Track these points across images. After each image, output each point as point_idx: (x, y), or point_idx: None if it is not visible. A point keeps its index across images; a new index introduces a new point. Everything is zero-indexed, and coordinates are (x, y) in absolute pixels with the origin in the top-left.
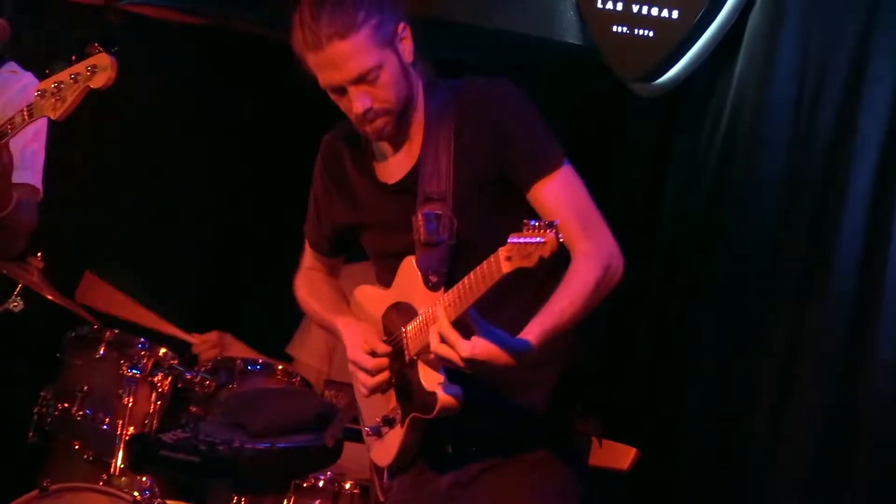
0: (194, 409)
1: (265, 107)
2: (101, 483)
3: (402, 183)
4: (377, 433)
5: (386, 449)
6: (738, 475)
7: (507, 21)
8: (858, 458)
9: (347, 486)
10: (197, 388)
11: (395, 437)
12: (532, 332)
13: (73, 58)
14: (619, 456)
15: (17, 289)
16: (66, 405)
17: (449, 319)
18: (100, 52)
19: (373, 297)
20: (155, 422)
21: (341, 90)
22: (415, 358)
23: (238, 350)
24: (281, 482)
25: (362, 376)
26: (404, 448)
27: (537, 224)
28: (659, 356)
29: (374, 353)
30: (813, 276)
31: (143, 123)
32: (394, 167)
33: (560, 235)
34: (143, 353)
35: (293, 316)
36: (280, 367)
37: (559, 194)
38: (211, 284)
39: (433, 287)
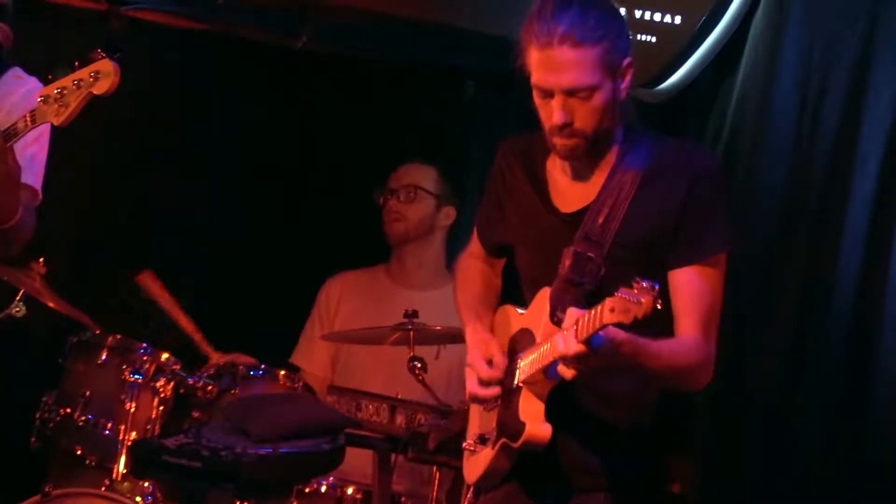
0: (197, 415)
1: (268, 112)
2: (103, 488)
3: (575, 216)
4: (472, 448)
5: (475, 466)
6: (740, 480)
7: (510, 27)
8: (861, 466)
9: (350, 490)
10: (199, 394)
11: (485, 457)
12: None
13: (77, 63)
14: None
15: (20, 294)
16: (68, 410)
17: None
18: (103, 57)
19: (508, 319)
20: (157, 427)
21: (549, 94)
22: (521, 385)
23: None
24: (283, 487)
25: (471, 383)
26: (491, 470)
27: (644, 285)
28: None
29: (490, 363)
30: (815, 283)
31: (146, 128)
32: (570, 197)
33: (659, 302)
34: (145, 358)
35: (296, 325)
36: (282, 372)
37: (695, 288)
38: (213, 291)
39: (557, 323)
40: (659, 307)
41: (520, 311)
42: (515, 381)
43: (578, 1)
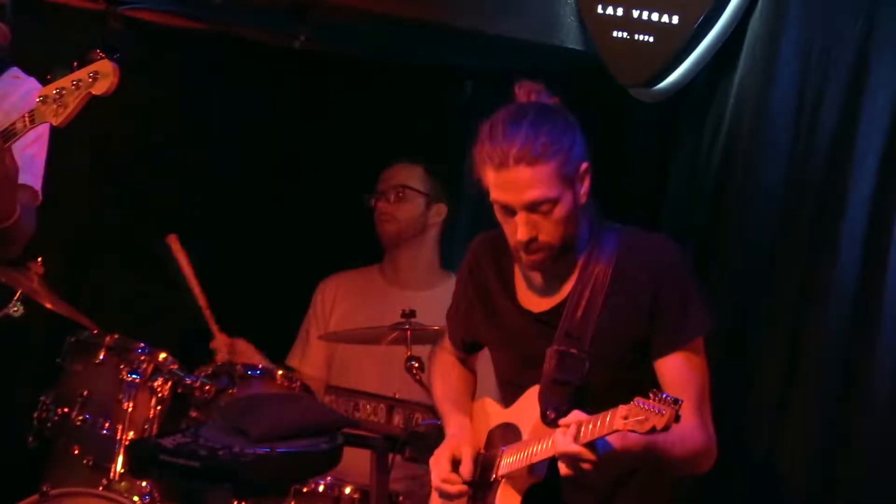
0: (194, 414)
1: (266, 112)
2: (100, 488)
3: (546, 315)
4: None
5: None
6: (736, 476)
7: (508, 27)
8: (858, 465)
9: (347, 490)
10: (197, 393)
11: None
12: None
13: (75, 64)
14: None
15: (17, 294)
16: (66, 410)
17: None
18: (102, 58)
19: (487, 412)
20: (155, 427)
21: (511, 211)
22: (499, 479)
23: (252, 360)
24: (281, 487)
25: (435, 476)
26: None
27: (665, 398)
28: None
29: (456, 466)
30: (813, 282)
31: (144, 128)
32: (540, 298)
33: (680, 416)
34: (142, 357)
35: (290, 326)
36: (280, 372)
37: (683, 371)
38: (211, 292)
39: (549, 423)
40: (679, 419)
41: (499, 405)
42: (494, 475)
43: (530, 118)
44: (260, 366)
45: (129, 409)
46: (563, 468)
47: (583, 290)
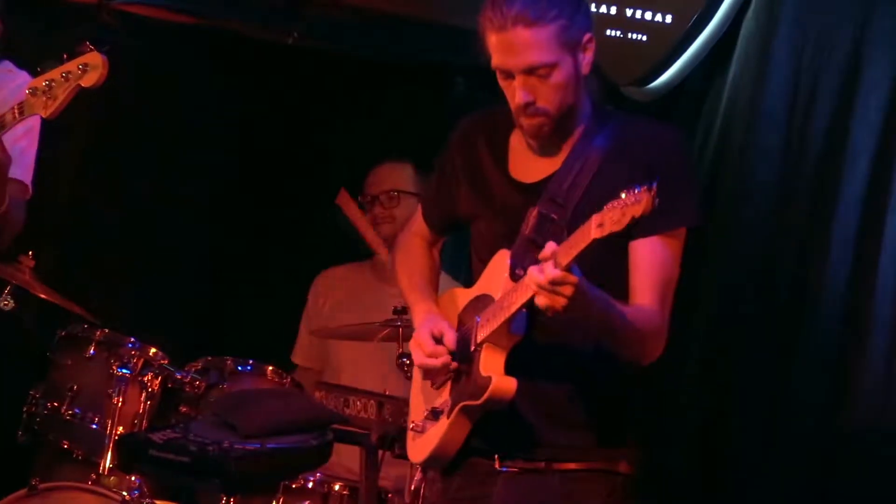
0: (184, 409)
1: (258, 107)
2: (89, 482)
3: (537, 185)
4: (420, 428)
5: (424, 444)
6: (726, 479)
7: None
8: (848, 464)
9: (337, 487)
10: (187, 388)
11: (437, 431)
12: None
13: (65, 56)
14: None
15: (8, 287)
16: (55, 404)
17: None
18: (91, 50)
19: (455, 299)
20: (144, 421)
21: (510, 75)
22: (479, 347)
23: None
24: (270, 483)
25: (418, 355)
26: (445, 443)
27: (638, 189)
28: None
29: (439, 340)
30: (805, 282)
31: (136, 122)
32: (533, 168)
33: (657, 199)
34: (133, 352)
35: (290, 324)
36: (270, 368)
37: (656, 258)
38: (206, 288)
39: (517, 279)
40: (656, 202)
41: (466, 290)
42: (473, 346)
43: None
44: (250, 361)
45: (119, 404)
46: (542, 299)
47: (575, 162)
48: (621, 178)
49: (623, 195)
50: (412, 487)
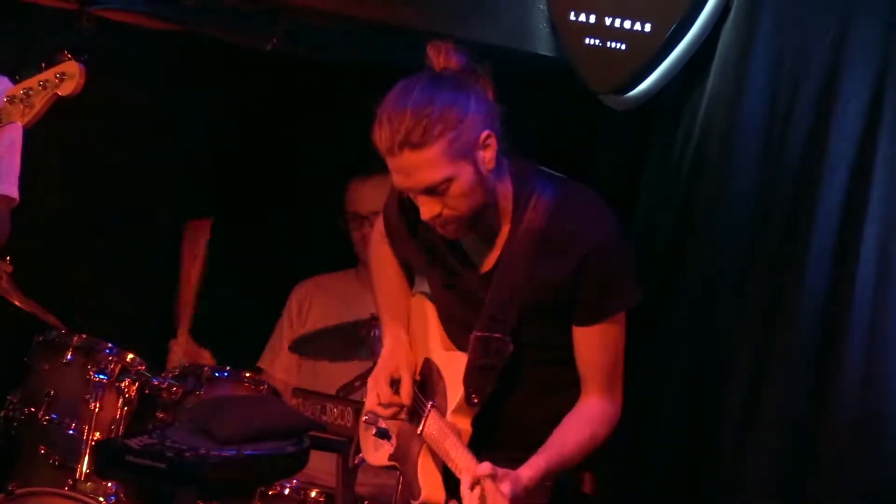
0: (161, 415)
1: (237, 114)
2: (66, 488)
3: (490, 273)
4: (372, 427)
5: (374, 452)
6: (705, 492)
7: (479, 32)
8: (823, 481)
9: (313, 493)
10: (164, 395)
11: (381, 456)
12: (534, 467)
13: (43, 65)
14: None
15: None
16: (32, 409)
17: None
18: (69, 59)
19: (428, 324)
20: (121, 427)
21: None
22: (423, 438)
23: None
24: (247, 489)
25: (372, 397)
26: (385, 469)
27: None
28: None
29: (397, 389)
30: (782, 293)
31: (116, 128)
32: (484, 254)
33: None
34: (110, 358)
35: (264, 329)
36: (247, 374)
37: (598, 344)
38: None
39: (471, 406)
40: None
41: (438, 321)
42: (420, 428)
43: (413, 98)
44: (227, 368)
45: (96, 410)
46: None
47: (507, 266)
48: (557, 274)
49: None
50: (356, 462)
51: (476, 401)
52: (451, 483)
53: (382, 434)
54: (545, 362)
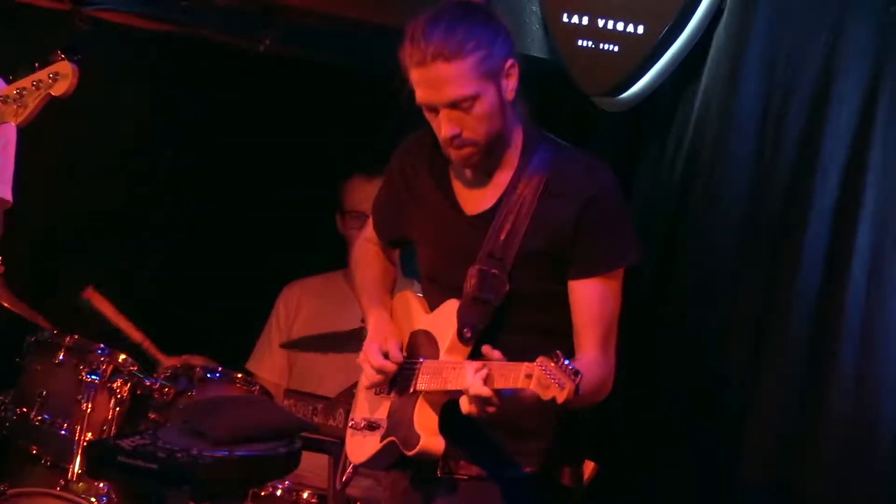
0: (153, 416)
1: (231, 114)
2: (58, 488)
3: (478, 218)
4: (360, 429)
5: (361, 448)
6: (699, 496)
7: None
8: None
9: (305, 495)
10: (156, 395)
11: (371, 445)
12: None
13: (36, 65)
14: None
15: None
16: (24, 410)
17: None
18: (62, 59)
19: (411, 311)
20: (113, 428)
21: (434, 109)
22: (417, 393)
23: None
24: (239, 490)
25: (367, 368)
26: (376, 459)
27: (567, 367)
28: (620, 372)
29: (386, 356)
30: (775, 294)
31: (109, 128)
32: (476, 198)
33: (580, 389)
34: (102, 358)
35: (252, 331)
36: (239, 375)
37: (595, 299)
38: (170, 297)
39: (464, 341)
40: (579, 393)
41: (421, 298)
42: (413, 387)
43: (447, 17)
44: (219, 369)
45: (88, 410)
46: (465, 405)
47: (511, 210)
48: (558, 219)
49: (555, 362)
50: (343, 479)
51: (468, 335)
52: (451, 427)
53: (372, 427)
54: (539, 310)
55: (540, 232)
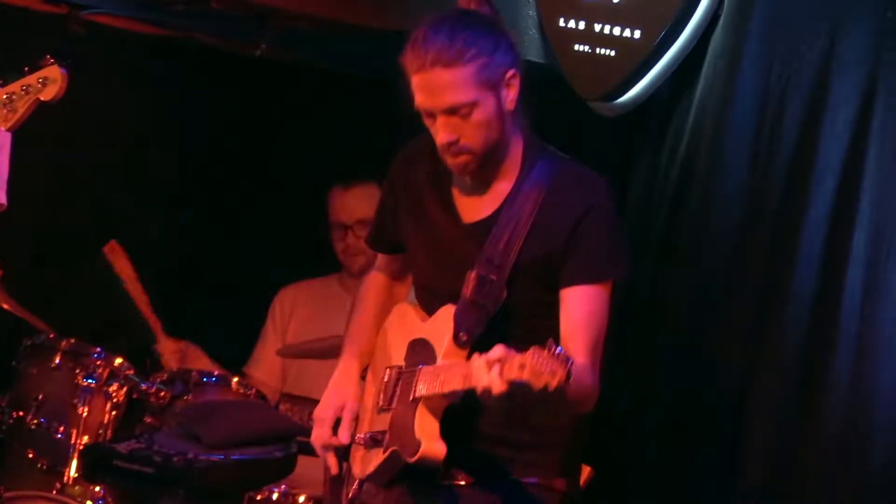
0: (149, 420)
1: (226, 119)
2: (54, 492)
3: (475, 227)
4: (364, 444)
5: (365, 462)
6: (693, 498)
7: None
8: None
9: (301, 499)
10: (152, 399)
11: (375, 457)
12: None
13: (27, 69)
14: None
15: None
16: (20, 413)
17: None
18: (52, 63)
19: (408, 322)
20: (109, 432)
21: (432, 115)
22: (418, 398)
23: (201, 364)
24: (235, 494)
25: (315, 432)
26: (380, 472)
27: (559, 354)
28: (615, 377)
29: (336, 424)
30: (770, 300)
31: (104, 133)
32: (474, 206)
33: (572, 377)
34: (98, 362)
35: (251, 333)
36: (235, 379)
37: (585, 307)
38: (169, 299)
39: (461, 345)
40: (571, 381)
41: (417, 307)
42: (412, 395)
43: (449, 24)
44: (215, 372)
45: (84, 414)
46: (486, 398)
47: (510, 219)
48: (554, 230)
49: (547, 350)
50: (350, 496)
51: (465, 338)
52: (453, 436)
53: (375, 440)
54: (534, 319)
55: (537, 242)
